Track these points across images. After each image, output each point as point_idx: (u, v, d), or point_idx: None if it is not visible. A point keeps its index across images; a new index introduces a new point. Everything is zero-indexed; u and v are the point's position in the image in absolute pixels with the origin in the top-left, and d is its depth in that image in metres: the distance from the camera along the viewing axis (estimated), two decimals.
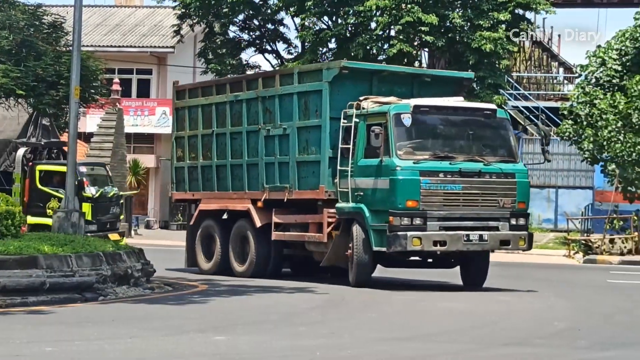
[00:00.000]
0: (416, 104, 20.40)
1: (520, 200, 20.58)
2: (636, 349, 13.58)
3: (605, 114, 32.53)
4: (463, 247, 20.08)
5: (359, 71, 22.30)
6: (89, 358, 11.78)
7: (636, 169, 32.11)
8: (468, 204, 20.22)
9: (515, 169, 20.69)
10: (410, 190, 19.80)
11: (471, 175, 20.19)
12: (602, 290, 22.24)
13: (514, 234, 20.43)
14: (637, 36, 33.43)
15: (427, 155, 20.23)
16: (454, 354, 13.05)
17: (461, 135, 20.97)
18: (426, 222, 19.77)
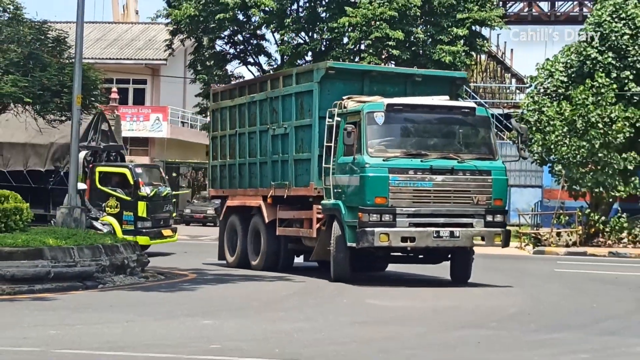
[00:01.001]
0: (389, 102, 19.05)
1: (496, 197, 19.05)
2: (579, 331, 13.64)
3: (553, 120, 32.64)
4: (433, 243, 18.64)
5: (347, 71, 21.25)
6: (90, 340, 11.75)
7: (580, 170, 32.23)
8: (439, 200, 18.73)
9: (491, 167, 19.13)
10: (379, 187, 18.44)
11: (443, 173, 18.73)
12: (550, 278, 22.30)
13: (488, 231, 18.91)
14: (581, 50, 33.52)
15: (399, 152, 18.87)
16: (419, 335, 13.09)
17: (436, 133, 19.59)
18: (395, 218, 18.43)
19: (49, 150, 26.24)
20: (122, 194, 25.17)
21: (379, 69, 24.33)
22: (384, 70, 23.29)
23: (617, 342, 12.82)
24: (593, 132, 31.54)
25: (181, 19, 36.68)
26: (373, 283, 19.55)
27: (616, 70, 32.70)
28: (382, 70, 23.55)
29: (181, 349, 11.17)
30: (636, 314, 16.00)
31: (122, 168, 26.06)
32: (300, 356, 10.92)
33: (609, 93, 31.79)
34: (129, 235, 24.54)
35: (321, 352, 11.35)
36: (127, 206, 25.18)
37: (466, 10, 34.38)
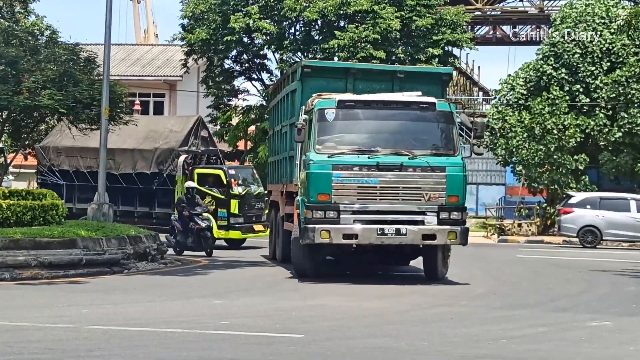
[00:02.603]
0: (340, 98, 16.76)
1: (450, 194, 16.32)
2: (537, 308, 13.67)
3: (514, 127, 32.70)
4: (377, 240, 16.20)
5: (327, 69, 19.36)
6: (116, 318, 11.75)
7: (538, 170, 32.29)
8: (387, 197, 16.20)
9: (446, 162, 16.39)
10: (321, 183, 16.13)
11: (391, 169, 16.16)
12: (512, 263, 22.34)
13: (441, 228, 16.21)
14: (538, 67, 33.58)
15: (347, 149, 16.41)
16: (398, 312, 13.10)
17: (390, 129, 16.90)
18: (339, 215, 16.07)
19: (154, 154, 26.16)
20: (217, 193, 24.78)
21: (358, 66, 21.15)
22: (365, 68, 20.25)
23: (569, 317, 12.86)
24: (549, 137, 31.61)
25: (194, 42, 36.64)
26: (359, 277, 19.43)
27: (568, 84, 32.77)
28: (363, 67, 20.38)
29: (195, 325, 11.18)
30: (586, 294, 16.02)
31: (217, 169, 25.65)
32: (298, 331, 10.92)
33: (562, 104, 31.87)
34: (222, 230, 24.49)
35: (316, 328, 11.36)
36: (221, 204, 24.67)
37: (440, 33, 34.38)
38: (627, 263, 22.29)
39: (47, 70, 22.81)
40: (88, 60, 24.45)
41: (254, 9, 34.29)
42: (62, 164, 26.16)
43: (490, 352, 9.91)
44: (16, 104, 22.87)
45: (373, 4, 33.10)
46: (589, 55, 32.67)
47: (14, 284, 15.34)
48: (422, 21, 33.64)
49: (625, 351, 10.26)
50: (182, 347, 9.75)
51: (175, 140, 26.98)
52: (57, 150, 26.61)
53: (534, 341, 10.76)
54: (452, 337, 10.78)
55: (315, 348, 9.93)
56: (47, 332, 10.49)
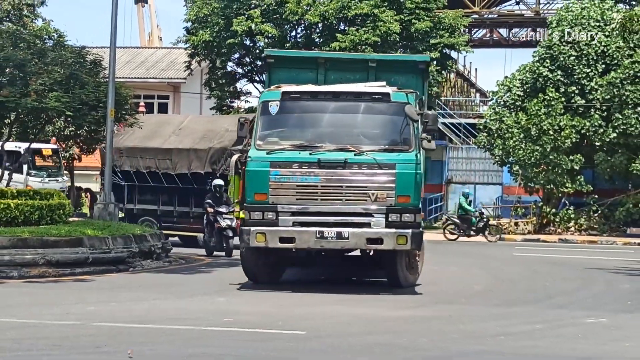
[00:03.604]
0: (285, 90, 14.83)
1: (401, 194, 14.16)
2: (534, 305, 13.69)
3: (511, 128, 32.68)
4: (316, 244, 14.19)
5: (294, 60, 17.16)
6: (122, 315, 11.76)
7: (534, 169, 32.28)
8: (328, 197, 14.23)
9: (397, 159, 14.21)
10: (259, 182, 14.30)
11: (333, 167, 14.16)
12: (509, 261, 22.32)
13: (389, 232, 14.08)
14: (534, 69, 33.56)
15: (288, 144, 14.53)
16: (396, 309, 13.10)
17: (338, 123, 14.88)
18: (278, 217, 14.20)
19: (208, 154, 25.98)
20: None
21: (326, 55, 18.82)
22: (334, 57, 17.90)
23: (565, 314, 12.87)
24: (545, 138, 31.59)
25: (198, 44, 36.64)
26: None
27: (564, 86, 32.75)
28: (331, 56, 18.03)
29: (199, 322, 11.18)
30: (581, 291, 16.02)
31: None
32: (300, 328, 10.93)
33: (558, 105, 31.85)
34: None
35: (317, 325, 11.36)
36: None
37: (438, 36, 34.39)
38: (621, 261, 22.27)
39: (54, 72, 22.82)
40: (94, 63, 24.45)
41: (256, 13, 34.30)
42: (124, 164, 26.02)
43: (489, 348, 9.91)
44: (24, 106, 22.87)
45: (373, 7, 33.11)
46: (584, 57, 32.65)
47: (22, 282, 15.35)
48: (421, 24, 33.64)
49: (620, 347, 10.27)
50: (187, 343, 9.76)
51: (229, 139, 26.84)
52: (119, 151, 26.55)
53: (532, 337, 10.76)
54: (450, 334, 10.78)
55: (317, 344, 9.93)
56: (54, 329, 10.50)
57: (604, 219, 32.96)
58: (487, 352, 9.70)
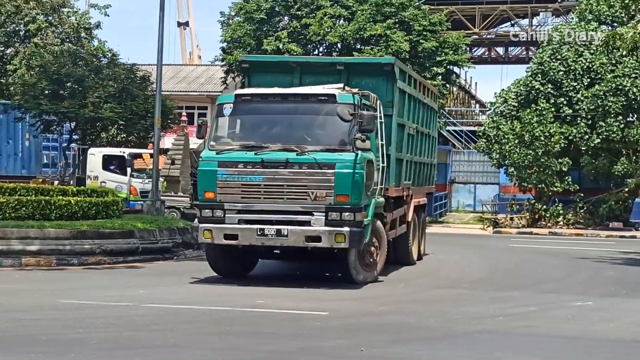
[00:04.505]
0: (238, 92, 14.01)
1: (339, 193, 12.95)
2: (528, 290, 13.62)
3: (507, 134, 32.54)
4: (257, 241, 13.16)
5: (270, 64, 15.92)
6: (169, 297, 11.80)
7: (527, 171, 32.13)
8: (271, 196, 13.15)
9: (336, 159, 13.00)
10: (208, 181, 13.40)
11: (275, 166, 13.10)
12: (506, 252, 22.24)
13: (327, 230, 12.90)
14: (527, 83, 33.37)
15: (239, 145, 13.48)
16: (405, 294, 13.08)
17: (285, 124, 13.72)
18: (225, 214, 13.24)
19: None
20: None
21: (297, 59, 17.10)
22: (305, 61, 16.51)
23: (556, 298, 12.80)
24: (537, 143, 31.46)
25: (233, 62, 36.70)
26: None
27: (554, 98, 32.57)
28: (303, 60, 16.61)
29: (235, 303, 11.20)
30: (570, 278, 15.93)
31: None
32: (322, 309, 10.93)
33: (548, 114, 31.70)
34: None
35: (338, 306, 11.35)
36: None
37: (443, 54, 34.26)
38: (604, 252, 22.13)
39: (108, 87, 23.01)
40: (143, 79, 24.62)
41: (283, 34, 34.29)
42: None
43: (489, 328, 9.89)
44: (82, 116, 23.07)
45: (386, 29, 33.01)
46: (572, 72, 32.48)
47: (81, 269, 15.44)
48: (428, 44, 33.50)
49: (606, 327, 10.22)
50: (226, 322, 9.80)
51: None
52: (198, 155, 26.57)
53: (527, 318, 10.73)
54: (454, 315, 10.76)
55: (338, 324, 9.94)
56: (110, 310, 10.55)
57: (589, 214, 32.78)
58: (487, 331, 9.68)
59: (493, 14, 45.10)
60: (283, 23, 35.05)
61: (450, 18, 39.02)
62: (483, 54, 50.43)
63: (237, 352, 8.20)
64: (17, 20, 31.07)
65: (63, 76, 23.09)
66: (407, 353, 8.41)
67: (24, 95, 23.81)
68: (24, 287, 12.76)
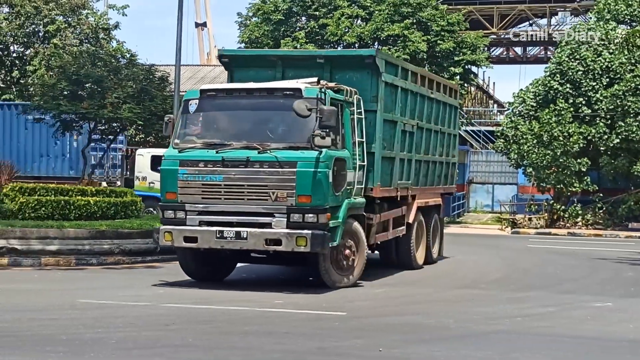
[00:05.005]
0: (203, 88, 13.20)
1: (301, 193, 12.10)
2: (546, 291, 13.57)
3: (525, 134, 32.42)
4: (216, 244, 12.43)
5: (249, 59, 15.02)
6: (188, 297, 11.81)
7: (546, 171, 32.00)
8: (231, 196, 12.39)
9: (299, 157, 12.15)
10: (169, 181, 12.71)
11: (236, 165, 12.32)
12: (524, 252, 22.16)
13: (288, 233, 12.08)
14: (546, 83, 33.24)
15: (201, 142, 12.77)
16: (426, 294, 13.06)
17: (250, 120, 12.95)
18: (186, 215, 12.55)
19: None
20: None
21: (277, 52, 16.02)
22: (284, 54, 15.60)
23: (574, 298, 12.75)
24: (555, 143, 31.32)
25: None
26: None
27: (572, 97, 32.42)
28: (282, 54, 15.61)
29: (254, 303, 11.21)
30: (588, 278, 15.86)
31: None
32: (341, 309, 10.94)
33: (567, 114, 31.57)
34: None
35: (356, 306, 11.36)
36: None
37: (461, 54, 34.18)
38: (624, 252, 22.01)
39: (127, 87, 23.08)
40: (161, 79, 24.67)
41: (300, 34, 34.32)
42: None
43: (507, 328, 9.86)
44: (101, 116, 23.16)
45: (403, 29, 33.00)
46: (591, 72, 32.31)
47: (100, 268, 15.51)
48: (445, 44, 33.45)
49: (625, 328, 10.16)
50: (244, 322, 9.82)
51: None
52: None
53: (545, 319, 10.69)
54: (473, 315, 10.74)
55: (357, 324, 9.94)
56: (129, 309, 10.60)
57: (608, 215, 32.61)
58: (505, 332, 9.65)
59: (511, 14, 44.96)
60: (300, 23, 35.11)
61: (468, 18, 38.93)
62: (501, 54, 50.29)
63: (254, 351, 8.22)
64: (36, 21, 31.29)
65: (82, 77, 23.21)
66: (426, 353, 8.41)
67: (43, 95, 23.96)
68: (44, 286, 12.85)
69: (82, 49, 27.22)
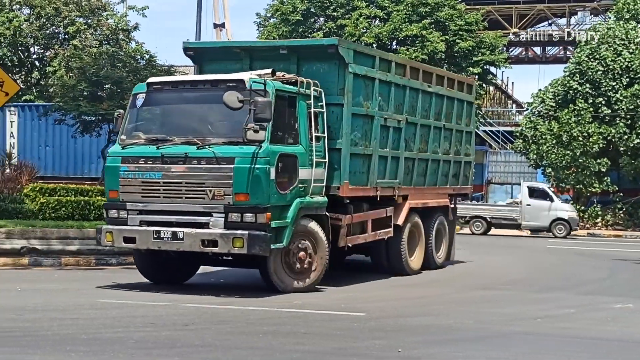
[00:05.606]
0: (149, 81, 12.55)
1: (238, 191, 11.38)
2: (566, 292, 13.52)
3: (545, 135, 32.31)
4: (153, 245, 11.84)
5: (214, 51, 14.33)
6: (207, 298, 11.80)
7: (565, 172, 31.90)
8: (169, 195, 11.77)
9: (236, 152, 11.43)
10: (112, 178, 12.15)
11: (175, 162, 11.71)
12: (543, 252, 22.08)
13: (225, 233, 11.38)
14: (565, 83, 33.13)
15: (145, 138, 12.16)
16: (444, 294, 13.03)
17: (192, 114, 12.23)
18: (128, 215, 11.96)
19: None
20: None
21: (240, 44, 14.39)
22: (247, 46, 14.13)
23: (595, 300, 12.68)
24: (575, 143, 31.19)
25: None
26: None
27: (592, 98, 32.28)
28: (245, 45, 14.16)
29: (273, 304, 11.21)
30: (608, 280, 15.77)
31: None
32: (360, 310, 10.93)
33: (586, 114, 31.42)
34: None
35: (375, 307, 11.34)
36: None
37: (480, 54, 34.10)
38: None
39: None
40: None
41: (319, 35, 34.36)
42: None
43: (526, 329, 9.81)
44: None
45: (421, 29, 32.96)
46: (610, 72, 32.15)
47: (119, 268, 15.54)
48: (464, 44, 33.39)
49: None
50: (263, 322, 9.82)
51: None
52: None
53: (565, 320, 10.63)
54: (492, 316, 10.70)
55: (376, 325, 9.92)
56: (148, 309, 10.63)
57: (628, 215, 32.44)
58: (525, 333, 9.60)
59: (530, 14, 44.76)
60: (319, 24, 35.13)
61: (486, 18, 38.81)
62: (520, 54, 50.06)
63: (273, 351, 8.22)
64: (56, 22, 31.49)
65: (102, 78, 23.33)
66: (445, 354, 8.38)
67: (63, 97, 24.09)
68: (64, 286, 12.91)
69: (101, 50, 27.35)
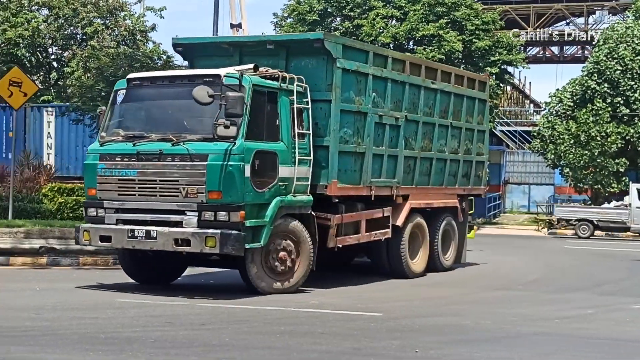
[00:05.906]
0: (130, 77, 12.39)
1: (211, 189, 11.17)
2: (584, 292, 13.46)
3: (562, 135, 32.18)
4: (128, 244, 11.70)
5: (203, 47, 13.91)
6: (224, 297, 11.82)
7: (583, 172, 31.76)
8: (144, 192, 11.60)
9: (210, 149, 11.22)
10: (91, 176, 12.01)
11: (150, 159, 11.51)
12: (561, 253, 21.98)
13: (197, 232, 11.17)
14: (583, 82, 32.97)
15: (124, 135, 12.01)
16: (463, 294, 13.00)
17: (170, 109, 12.02)
18: (105, 213, 11.84)
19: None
20: None
21: (228, 39, 14.91)
22: (237, 41, 14.46)
23: (613, 300, 12.62)
24: (593, 143, 31.03)
25: None
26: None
27: (610, 97, 32.10)
28: (235, 40, 14.51)
29: (289, 304, 11.21)
30: (627, 280, 15.69)
31: None
32: (377, 310, 10.92)
33: (605, 114, 31.26)
34: None
35: (392, 307, 11.33)
36: None
37: (497, 53, 33.98)
38: None
39: None
40: None
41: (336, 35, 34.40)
42: None
43: (544, 330, 9.77)
44: None
45: (438, 29, 32.87)
46: (629, 71, 31.97)
47: None
48: (481, 43, 33.26)
49: None
50: (280, 322, 9.83)
51: None
52: None
53: (583, 321, 10.58)
54: (510, 317, 10.66)
55: (393, 325, 9.92)
56: (166, 308, 10.66)
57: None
58: (543, 334, 9.56)
59: (548, 13, 44.57)
60: (335, 24, 35.10)
61: (504, 17, 38.67)
62: (538, 53, 49.87)
63: (290, 351, 8.23)
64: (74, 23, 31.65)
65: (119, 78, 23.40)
66: (463, 354, 8.36)
67: (81, 97, 24.20)
68: (82, 285, 12.97)
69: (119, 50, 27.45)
